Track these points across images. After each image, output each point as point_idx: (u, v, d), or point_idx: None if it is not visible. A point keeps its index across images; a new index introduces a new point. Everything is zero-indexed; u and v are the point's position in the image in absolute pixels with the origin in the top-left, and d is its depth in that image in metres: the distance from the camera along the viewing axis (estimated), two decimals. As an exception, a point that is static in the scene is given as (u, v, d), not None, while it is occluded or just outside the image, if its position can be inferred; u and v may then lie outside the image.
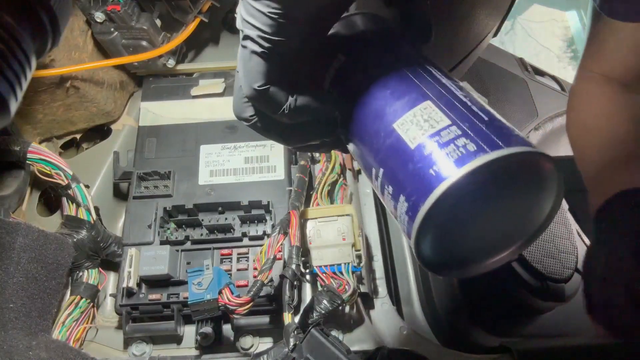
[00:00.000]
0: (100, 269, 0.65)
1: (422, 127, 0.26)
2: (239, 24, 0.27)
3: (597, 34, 0.57)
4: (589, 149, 0.57)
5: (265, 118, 0.31)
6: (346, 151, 0.34)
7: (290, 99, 0.29)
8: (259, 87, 0.28)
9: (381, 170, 0.28)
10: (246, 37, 0.27)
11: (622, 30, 0.54)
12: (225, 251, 0.62)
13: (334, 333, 0.59)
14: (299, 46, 0.28)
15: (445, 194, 0.23)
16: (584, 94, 0.59)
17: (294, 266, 0.55)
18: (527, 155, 0.24)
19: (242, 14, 0.26)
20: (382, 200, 0.29)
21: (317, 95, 0.31)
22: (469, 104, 0.27)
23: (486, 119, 0.26)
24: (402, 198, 0.26)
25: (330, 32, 0.33)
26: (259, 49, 0.27)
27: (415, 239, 0.25)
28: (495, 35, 0.75)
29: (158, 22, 0.72)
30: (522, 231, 0.29)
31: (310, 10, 0.26)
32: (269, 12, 0.25)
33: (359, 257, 0.60)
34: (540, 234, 0.28)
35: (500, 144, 0.24)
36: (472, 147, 0.24)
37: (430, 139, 0.25)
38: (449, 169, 0.24)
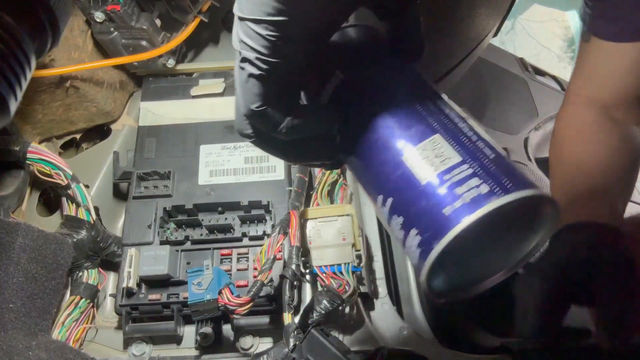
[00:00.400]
0: (100, 269, 0.65)
1: (433, 162, 0.27)
2: (235, 44, 0.27)
3: (586, 56, 0.57)
4: (561, 177, 0.57)
5: (264, 135, 0.31)
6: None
7: (287, 118, 0.29)
8: (256, 108, 0.28)
9: (390, 199, 0.28)
10: (244, 60, 0.27)
11: (610, 52, 0.54)
12: (225, 251, 0.62)
13: (334, 333, 0.59)
14: (296, 65, 0.28)
15: (459, 237, 0.25)
16: (567, 119, 0.59)
17: (294, 266, 0.55)
18: (534, 199, 0.26)
19: (239, 35, 0.26)
20: (386, 226, 0.30)
21: (314, 113, 0.31)
22: (475, 138, 0.28)
23: (492, 156, 0.27)
24: (413, 231, 0.27)
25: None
26: (256, 72, 0.27)
27: (427, 275, 0.26)
28: (495, 35, 0.75)
29: (158, 22, 0.71)
30: (517, 256, 0.30)
31: (308, 30, 0.26)
32: (267, 35, 0.25)
33: (359, 257, 0.60)
34: (531, 257, 0.30)
35: (509, 186, 0.25)
36: (484, 189, 0.25)
37: (442, 176, 0.26)
38: (463, 211, 0.25)
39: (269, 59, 0.26)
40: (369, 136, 0.30)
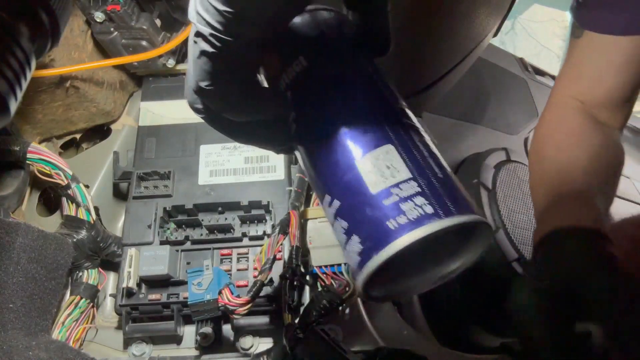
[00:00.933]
0: (100, 269, 0.65)
1: (383, 173, 0.27)
2: (191, 16, 0.25)
3: (576, 53, 0.57)
4: (541, 177, 0.57)
5: (212, 112, 0.30)
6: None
7: (238, 99, 0.28)
8: (205, 85, 0.27)
9: (337, 202, 0.28)
10: (198, 34, 0.25)
11: (604, 48, 0.53)
12: (225, 251, 0.62)
13: (333, 333, 0.59)
14: (252, 45, 0.26)
15: (400, 252, 0.25)
16: (550, 120, 0.59)
17: (294, 266, 0.55)
18: (474, 224, 0.27)
19: (196, 6, 0.24)
20: (330, 224, 0.30)
21: (270, 97, 0.30)
22: (426, 154, 0.28)
23: (441, 176, 0.28)
24: (355, 238, 0.27)
25: (292, 22, 0.31)
26: (210, 49, 0.25)
27: (363, 282, 0.27)
28: (495, 35, 0.75)
29: (158, 22, 0.71)
30: (448, 269, 0.32)
31: (266, 10, 0.25)
32: (224, 10, 0.23)
33: (359, 257, 0.60)
34: (460, 271, 0.32)
35: (452, 209, 0.26)
36: (429, 209, 0.26)
37: (391, 189, 0.27)
38: (406, 228, 0.26)
39: (223, 37, 0.24)
40: (325, 132, 0.29)
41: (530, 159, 0.60)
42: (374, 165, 0.27)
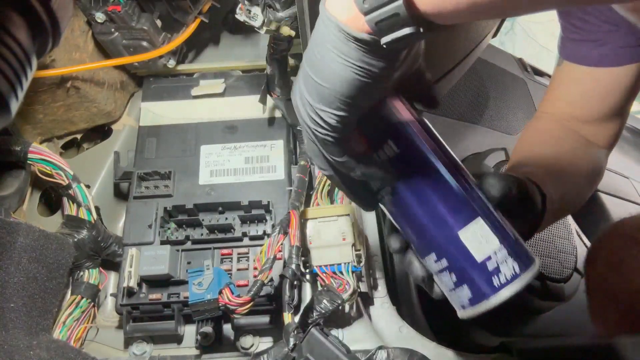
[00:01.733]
0: (100, 268, 0.65)
1: (481, 243, 0.36)
2: (305, 125, 0.35)
3: (559, 78, 0.62)
4: (514, 161, 0.60)
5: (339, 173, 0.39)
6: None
7: (360, 167, 0.37)
8: (334, 158, 0.36)
9: (445, 261, 0.37)
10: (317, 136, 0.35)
11: (575, 77, 0.59)
12: (226, 251, 0.62)
13: (333, 333, 0.60)
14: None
15: (505, 300, 0.36)
16: (534, 129, 0.64)
17: (294, 266, 0.55)
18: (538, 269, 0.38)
19: (311, 116, 0.34)
20: (431, 269, 0.39)
21: (374, 166, 0.38)
22: (501, 221, 0.38)
23: (513, 238, 0.37)
24: (465, 287, 0.37)
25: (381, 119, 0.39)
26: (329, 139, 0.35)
27: (470, 317, 0.38)
28: (494, 35, 0.76)
29: (158, 22, 0.72)
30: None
31: (358, 115, 0.34)
32: (334, 120, 0.33)
33: (358, 256, 0.60)
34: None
35: (529, 262, 0.37)
36: (517, 268, 0.36)
37: (491, 256, 0.36)
38: (507, 283, 0.36)
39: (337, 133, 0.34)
40: (425, 207, 0.38)
41: (512, 156, 0.63)
42: (473, 237, 0.37)
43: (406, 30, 0.28)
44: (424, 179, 0.38)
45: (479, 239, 0.37)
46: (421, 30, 0.29)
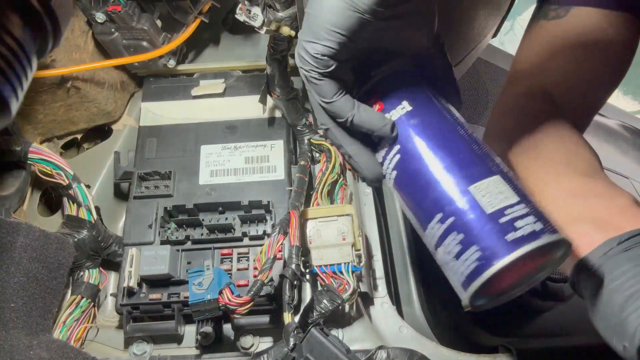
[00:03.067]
0: (101, 268, 0.65)
1: (497, 197, 0.33)
2: (302, 58, 0.34)
3: (535, 36, 0.57)
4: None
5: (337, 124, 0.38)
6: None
7: (354, 111, 0.36)
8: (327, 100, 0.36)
9: (451, 218, 0.34)
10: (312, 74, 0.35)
11: (544, 34, 0.55)
12: (226, 251, 0.62)
13: (333, 332, 0.60)
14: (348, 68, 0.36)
15: (518, 259, 0.31)
16: (506, 108, 0.59)
17: (294, 266, 0.55)
18: (566, 242, 0.33)
19: (307, 51, 0.34)
20: (431, 241, 0.36)
21: (379, 117, 0.36)
22: (521, 186, 0.35)
23: (537, 205, 0.34)
24: (474, 248, 0.32)
25: (395, 70, 0.39)
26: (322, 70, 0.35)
27: (479, 286, 0.32)
28: (495, 35, 0.76)
29: (158, 22, 0.72)
30: (533, 280, 0.37)
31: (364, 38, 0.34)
32: (339, 34, 0.33)
33: (359, 256, 0.60)
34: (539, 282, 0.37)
35: (554, 229, 0.32)
36: (538, 226, 0.32)
37: (505, 210, 0.32)
38: (524, 240, 0.31)
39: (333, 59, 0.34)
40: (434, 164, 0.35)
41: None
42: (487, 191, 0.33)
43: None
44: (438, 135, 0.36)
45: (494, 193, 0.33)
46: None
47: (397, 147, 0.37)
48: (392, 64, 0.39)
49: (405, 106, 0.37)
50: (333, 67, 0.34)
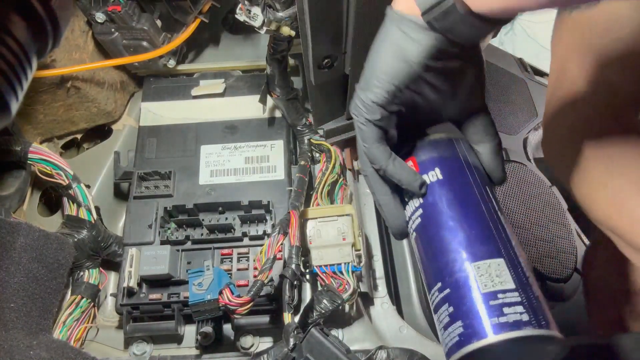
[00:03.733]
0: (100, 268, 0.65)
1: (493, 279, 0.34)
2: (359, 110, 0.37)
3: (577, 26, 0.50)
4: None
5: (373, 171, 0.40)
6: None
7: (389, 161, 0.38)
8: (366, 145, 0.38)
9: (447, 290, 0.35)
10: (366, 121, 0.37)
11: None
12: (226, 251, 0.62)
13: (333, 332, 0.60)
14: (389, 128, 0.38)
15: (496, 344, 0.31)
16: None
17: (294, 266, 0.55)
18: (552, 338, 0.32)
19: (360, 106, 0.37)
20: (433, 305, 0.37)
21: (411, 173, 0.38)
22: (527, 273, 0.35)
23: (537, 294, 0.34)
24: (459, 323, 0.33)
25: (433, 137, 0.41)
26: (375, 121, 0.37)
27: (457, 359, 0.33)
28: (494, 35, 0.75)
29: (158, 22, 0.72)
30: None
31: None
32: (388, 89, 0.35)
33: (359, 256, 0.60)
34: None
35: (542, 323, 0.32)
36: (525, 317, 0.32)
37: (498, 294, 0.33)
38: (505, 327, 0.31)
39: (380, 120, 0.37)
40: (448, 234, 0.37)
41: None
42: (486, 271, 0.34)
43: (445, 5, 0.31)
44: (458, 209, 0.37)
45: (493, 276, 0.34)
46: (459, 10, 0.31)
47: (420, 211, 0.39)
48: (433, 128, 0.42)
49: (436, 174, 0.39)
50: (379, 116, 0.36)
